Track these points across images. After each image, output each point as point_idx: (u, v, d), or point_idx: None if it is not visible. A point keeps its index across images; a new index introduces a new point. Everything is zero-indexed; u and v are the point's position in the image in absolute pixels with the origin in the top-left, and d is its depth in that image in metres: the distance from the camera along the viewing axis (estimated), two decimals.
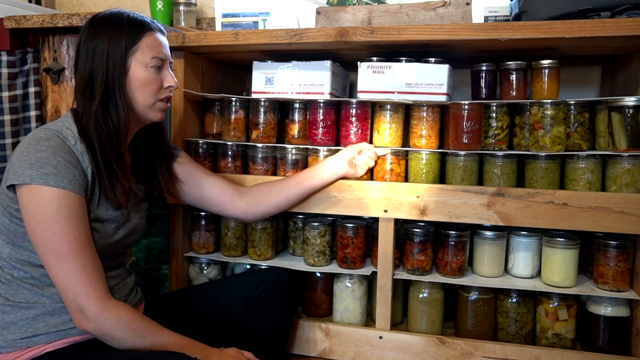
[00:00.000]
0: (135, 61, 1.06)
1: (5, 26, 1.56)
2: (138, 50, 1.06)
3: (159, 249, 1.66)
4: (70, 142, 1.02)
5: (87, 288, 0.97)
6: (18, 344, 0.99)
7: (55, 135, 1.01)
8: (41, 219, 0.95)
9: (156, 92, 1.10)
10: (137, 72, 1.06)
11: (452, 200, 1.33)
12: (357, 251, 1.45)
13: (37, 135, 1.00)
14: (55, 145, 0.99)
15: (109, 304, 0.99)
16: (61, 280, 0.97)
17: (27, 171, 0.95)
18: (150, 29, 1.08)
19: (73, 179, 0.98)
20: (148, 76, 1.08)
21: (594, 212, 1.25)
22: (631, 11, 1.23)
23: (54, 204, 0.96)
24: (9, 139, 1.59)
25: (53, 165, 0.96)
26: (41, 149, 0.97)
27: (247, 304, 1.28)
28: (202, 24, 2.04)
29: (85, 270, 0.97)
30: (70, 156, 1.00)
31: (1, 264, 1.04)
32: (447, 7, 1.39)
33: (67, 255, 0.96)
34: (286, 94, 1.47)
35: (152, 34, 1.08)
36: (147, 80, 1.08)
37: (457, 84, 1.65)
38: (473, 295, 1.40)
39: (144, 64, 1.07)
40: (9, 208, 1.01)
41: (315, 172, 1.36)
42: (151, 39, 1.08)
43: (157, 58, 1.08)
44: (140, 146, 1.19)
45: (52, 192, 0.96)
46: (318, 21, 1.49)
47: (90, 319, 0.97)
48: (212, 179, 1.32)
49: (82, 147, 1.03)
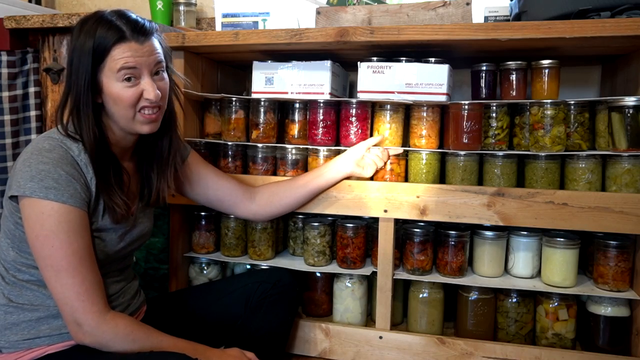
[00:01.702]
0: (105, 77, 1.00)
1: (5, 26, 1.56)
2: (106, 65, 0.99)
3: (159, 249, 1.66)
4: (74, 153, 1.00)
5: (85, 303, 0.96)
6: (20, 345, 0.99)
7: (58, 145, 0.99)
8: (41, 233, 0.95)
9: (133, 106, 1.02)
10: (109, 87, 1.00)
11: (452, 200, 1.33)
12: (357, 251, 1.45)
13: (41, 145, 0.98)
14: (57, 157, 0.97)
15: (106, 317, 0.98)
16: (59, 293, 0.96)
17: (29, 183, 0.95)
18: (119, 40, 0.99)
19: (74, 193, 0.97)
20: (119, 91, 1.00)
21: (594, 212, 1.25)
22: (631, 11, 1.23)
23: (54, 218, 0.95)
24: (9, 139, 1.59)
25: (54, 178, 0.95)
26: (43, 161, 0.96)
27: (247, 304, 1.28)
28: (202, 24, 2.04)
29: (84, 285, 0.96)
30: (72, 168, 0.98)
31: (6, 266, 1.04)
32: (447, 7, 1.39)
33: (66, 269, 0.95)
34: (286, 94, 1.47)
35: (121, 44, 0.99)
36: (120, 95, 1.00)
37: (457, 84, 1.65)
38: (473, 295, 1.40)
39: (114, 78, 1.00)
40: (14, 216, 1.01)
41: (322, 172, 1.36)
42: (120, 50, 0.99)
43: (124, 69, 0.99)
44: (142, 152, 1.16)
45: (52, 206, 0.95)
46: (318, 21, 1.49)
47: (87, 333, 0.97)
48: (223, 180, 1.31)
49: (87, 158, 1.00)
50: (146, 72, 1.02)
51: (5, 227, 1.03)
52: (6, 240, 1.03)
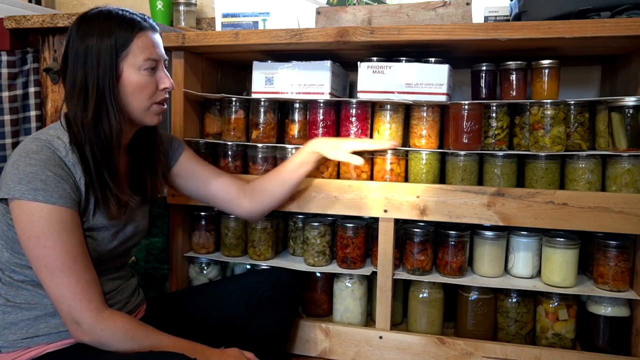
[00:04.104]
0: (127, 65, 1.02)
1: (5, 26, 1.56)
2: (130, 53, 1.01)
3: (159, 249, 1.66)
4: (62, 153, 0.99)
5: (82, 301, 0.96)
6: (19, 344, 0.99)
7: (45, 146, 0.98)
8: (32, 234, 0.95)
9: (151, 96, 1.06)
10: (130, 76, 1.02)
11: (452, 200, 1.33)
12: (357, 251, 1.45)
13: (28, 147, 0.98)
14: (45, 158, 0.96)
15: (104, 315, 0.98)
16: (55, 293, 0.96)
17: (17, 185, 0.94)
18: (141, 29, 1.03)
19: (63, 193, 0.96)
20: (141, 80, 1.03)
21: (594, 212, 1.25)
22: (631, 11, 1.23)
23: (44, 219, 0.94)
24: (9, 139, 1.59)
25: (42, 180, 0.95)
26: (31, 163, 0.95)
27: (247, 304, 1.27)
28: (202, 24, 2.04)
29: (80, 284, 0.96)
30: (60, 169, 0.97)
31: (1, 267, 1.04)
32: (447, 7, 1.39)
33: (61, 269, 0.95)
34: (286, 94, 1.47)
35: (144, 33, 1.03)
36: (141, 84, 1.03)
37: (457, 84, 1.65)
38: (473, 295, 1.40)
39: (137, 67, 1.02)
40: (6, 217, 1.01)
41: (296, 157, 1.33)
42: (143, 39, 1.03)
43: (150, 60, 1.03)
44: (137, 148, 1.16)
45: (41, 208, 0.94)
46: (318, 21, 1.49)
47: (86, 331, 0.97)
48: (217, 177, 1.30)
49: (74, 158, 1.00)
50: (161, 63, 1.08)
51: None
52: (0, 242, 1.03)
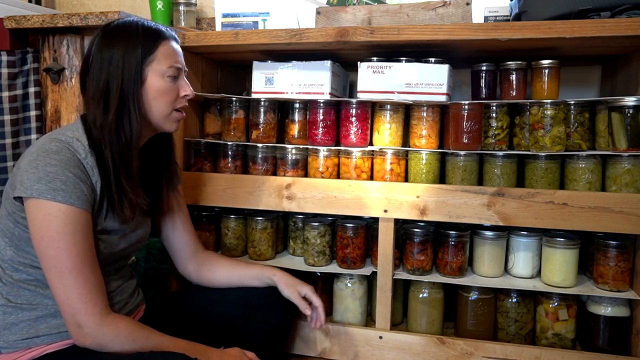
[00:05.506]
0: (152, 71, 1.05)
1: (5, 26, 1.56)
2: (155, 59, 1.05)
3: (159, 249, 1.66)
4: (81, 155, 1.00)
5: (87, 304, 0.96)
6: (19, 344, 0.99)
7: (65, 147, 0.99)
8: (46, 234, 0.95)
9: (172, 102, 1.09)
10: (154, 82, 1.05)
11: (452, 200, 1.33)
12: (357, 251, 1.45)
13: (47, 146, 0.99)
14: (65, 159, 0.97)
15: (107, 319, 0.98)
16: (61, 295, 0.96)
17: (36, 184, 0.95)
18: (165, 38, 1.07)
19: (81, 195, 0.97)
20: (165, 86, 1.06)
21: (594, 212, 1.25)
22: (631, 11, 1.23)
23: (60, 219, 0.95)
24: (9, 139, 1.59)
25: (62, 180, 0.95)
26: (51, 163, 0.96)
27: (247, 304, 1.27)
28: (202, 24, 2.04)
29: (87, 287, 0.97)
30: (79, 170, 0.99)
31: (3, 266, 1.03)
32: (447, 7, 1.39)
33: (70, 271, 0.96)
34: (286, 94, 1.47)
35: (167, 42, 1.07)
36: (164, 90, 1.07)
37: (457, 84, 1.65)
38: (473, 295, 1.40)
39: (161, 73, 1.05)
40: (15, 215, 1.00)
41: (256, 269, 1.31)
42: (167, 47, 1.07)
43: (173, 67, 1.07)
44: (149, 155, 1.17)
45: (59, 208, 0.95)
46: (318, 21, 1.49)
47: (88, 335, 0.97)
48: (184, 229, 1.29)
49: (93, 160, 1.01)
50: (182, 72, 1.11)
51: (3, 225, 1.03)
52: (4, 240, 1.03)
